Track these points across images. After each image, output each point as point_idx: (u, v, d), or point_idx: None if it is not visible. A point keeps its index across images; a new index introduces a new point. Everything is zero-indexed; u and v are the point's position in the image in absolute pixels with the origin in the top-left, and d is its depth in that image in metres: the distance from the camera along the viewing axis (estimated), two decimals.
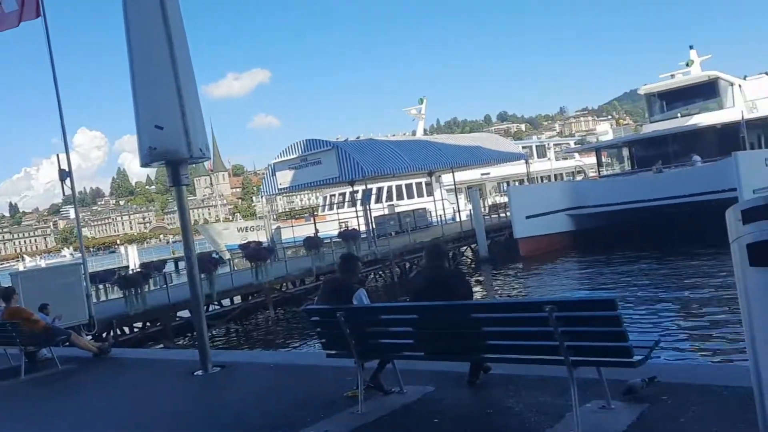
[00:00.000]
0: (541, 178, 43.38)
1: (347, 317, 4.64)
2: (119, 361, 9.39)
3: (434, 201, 32.72)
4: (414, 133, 43.42)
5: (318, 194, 45.25)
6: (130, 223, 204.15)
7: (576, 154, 46.74)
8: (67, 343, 9.51)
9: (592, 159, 41.72)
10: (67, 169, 14.90)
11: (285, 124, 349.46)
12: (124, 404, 6.83)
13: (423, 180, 37.66)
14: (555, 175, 45.41)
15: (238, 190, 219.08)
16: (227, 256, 28.68)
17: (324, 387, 5.87)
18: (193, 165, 8.13)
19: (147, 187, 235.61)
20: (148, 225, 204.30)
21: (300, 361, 7.65)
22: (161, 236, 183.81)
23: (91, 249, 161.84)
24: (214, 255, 24.75)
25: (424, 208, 33.93)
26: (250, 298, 20.93)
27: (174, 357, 9.35)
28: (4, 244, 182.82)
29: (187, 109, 7.02)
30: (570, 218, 25.92)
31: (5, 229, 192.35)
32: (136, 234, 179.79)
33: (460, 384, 5.08)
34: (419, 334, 4.62)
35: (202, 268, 18.68)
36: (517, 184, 36.00)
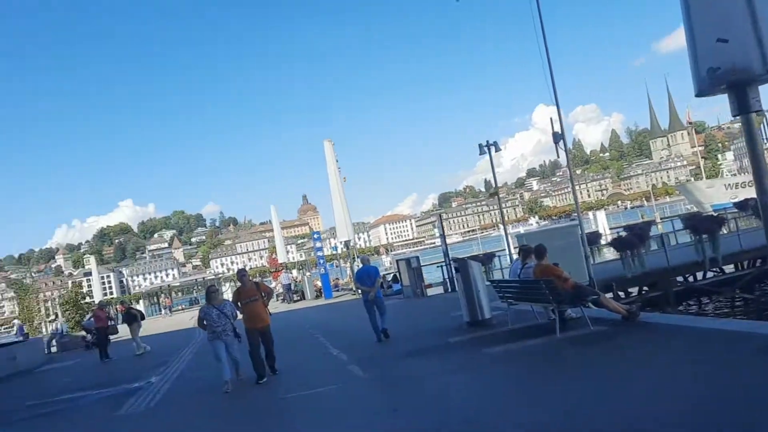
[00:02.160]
0: None
1: None
2: (652, 327, 8.44)
3: None
4: None
5: None
6: (588, 191, 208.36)
7: None
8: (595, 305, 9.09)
9: None
10: (560, 131, 14.97)
11: None
12: (689, 377, 5.77)
13: None
14: None
15: (699, 148, 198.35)
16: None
17: None
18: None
19: (601, 155, 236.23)
20: (604, 192, 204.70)
21: None
22: (618, 203, 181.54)
23: (553, 217, 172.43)
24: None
25: None
26: (758, 263, 17.68)
27: (723, 327, 7.84)
28: (483, 215, 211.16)
29: (759, 13, 5.41)
30: None
31: (483, 202, 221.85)
32: (593, 201, 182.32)
33: None
34: None
35: (703, 228, 16.52)
36: None
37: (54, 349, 25.04)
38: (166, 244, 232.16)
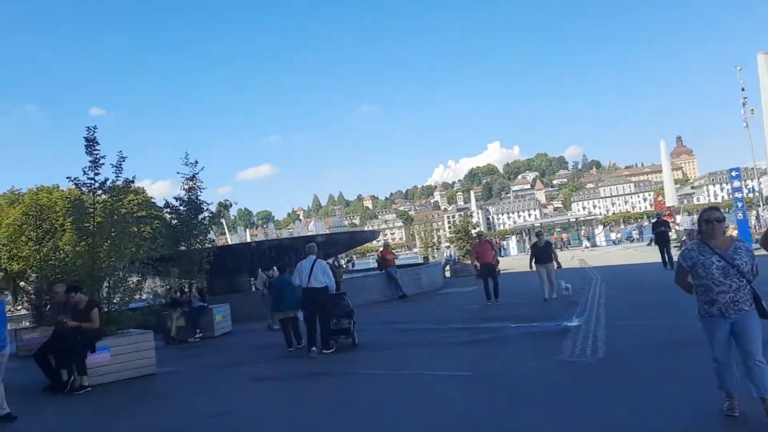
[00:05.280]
0: None
1: None
2: None
3: None
4: None
5: None
6: None
7: None
8: None
9: None
10: None
11: None
12: None
13: None
14: None
15: None
16: None
17: None
18: None
19: None
20: None
21: None
22: None
23: None
24: None
25: None
26: None
27: None
28: None
29: None
30: None
31: None
32: None
33: None
34: None
35: None
36: None
37: (447, 274, 26.30)
38: (529, 186, 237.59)
